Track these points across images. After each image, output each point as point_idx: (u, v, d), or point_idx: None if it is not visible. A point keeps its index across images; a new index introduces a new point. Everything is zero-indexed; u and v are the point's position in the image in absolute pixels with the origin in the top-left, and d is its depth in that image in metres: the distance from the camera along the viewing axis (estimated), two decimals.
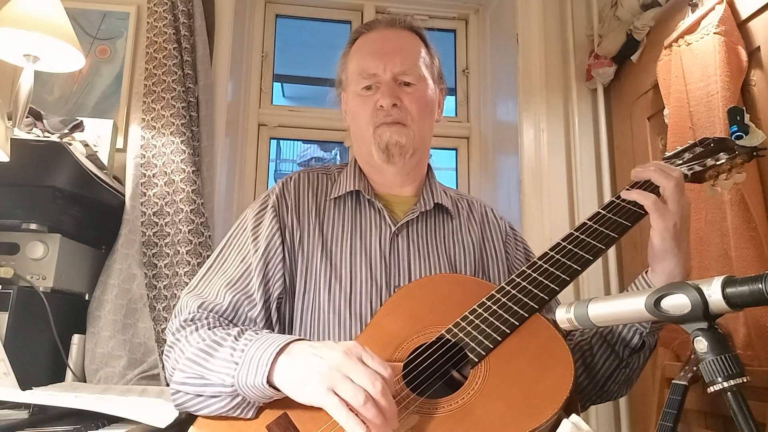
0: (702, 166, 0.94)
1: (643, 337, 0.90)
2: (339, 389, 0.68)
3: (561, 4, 2.17)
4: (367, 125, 1.03)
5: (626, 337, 0.90)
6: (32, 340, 1.31)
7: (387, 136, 1.01)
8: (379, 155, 1.02)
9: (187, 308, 0.90)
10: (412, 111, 1.02)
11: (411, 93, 1.03)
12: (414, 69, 1.03)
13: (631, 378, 0.96)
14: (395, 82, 1.02)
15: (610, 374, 0.94)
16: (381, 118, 1.01)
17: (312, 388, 0.70)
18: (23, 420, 0.99)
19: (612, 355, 0.92)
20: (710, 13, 1.44)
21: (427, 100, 1.05)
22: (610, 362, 0.93)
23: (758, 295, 0.57)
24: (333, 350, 0.72)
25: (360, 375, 0.69)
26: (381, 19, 1.10)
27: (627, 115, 1.93)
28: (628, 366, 0.93)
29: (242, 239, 0.99)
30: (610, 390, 0.96)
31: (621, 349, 0.92)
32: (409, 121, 1.02)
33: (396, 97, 1.01)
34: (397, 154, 1.01)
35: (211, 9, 2.00)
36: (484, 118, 2.54)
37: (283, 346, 0.76)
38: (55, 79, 1.88)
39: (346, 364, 0.70)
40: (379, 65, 1.02)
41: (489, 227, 1.11)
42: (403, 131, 1.01)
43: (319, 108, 2.54)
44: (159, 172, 1.72)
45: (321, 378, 0.70)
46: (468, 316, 0.83)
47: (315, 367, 0.71)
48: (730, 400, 0.59)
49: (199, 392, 0.81)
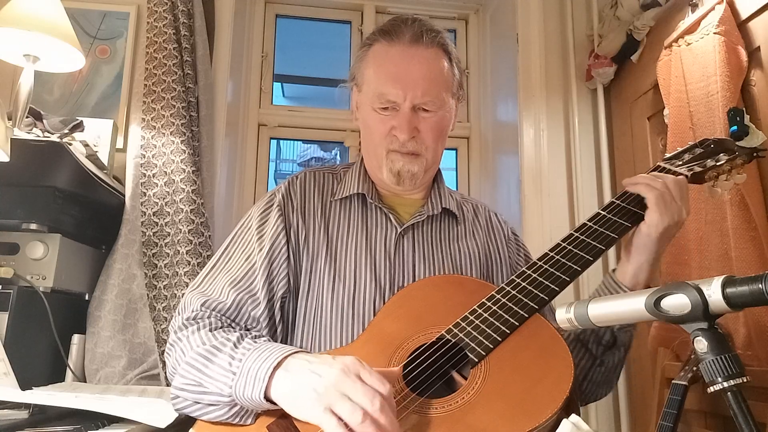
0: (702, 167, 0.94)
1: (614, 332, 0.91)
2: (336, 408, 0.67)
3: (561, 4, 2.17)
4: (380, 145, 1.01)
5: (597, 332, 0.92)
6: (32, 340, 1.31)
7: (400, 165, 0.99)
8: (389, 178, 1.01)
9: (190, 306, 0.90)
10: (428, 140, 1.00)
11: (429, 119, 0.99)
12: (436, 99, 0.98)
13: (609, 378, 0.96)
14: (414, 110, 0.98)
15: (586, 373, 0.94)
16: (396, 146, 0.99)
17: (309, 407, 0.69)
18: (23, 420, 0.99)
19: (586, 354, 0.93)
20: (710, 13, 1.44)
21: (444, 125, 1.02)
22: (585, 361, 0.94)
23: (758, 295, 0.57)
24: (331, 368, 0.71)
25: (358, 393, 0.67)
26: (404, 26, 1.01)
27: (627, 115, 1.93)
28: (603, 364, 0.94)
29: (247, 238, 0.99)
30: (588, 391, 0.96)
31: (594, 346, 0.92)
32: (424, 151, 1.00)
33: (413, 128, 0.98)
34: (408, 180, 1.01)
35: (211, 9, 2.00)
36: (484, 118, 2.54)
37: (280, 360, 0.75)
38: (55, 79, 1.88)
39: (343, 383, 0.69)
40: (399, 93, 0.97)
41: (494, 232, 1.11)
42: (417, 161, 1.00)
43: (319, 108, 2.55)
44: (159, 172, 1.72)
45: (318, 397, 0.68)
46: (468, 316, 0.83)
47: (312, 386, 0.70)
48: (730, 400, 0.59)
49: (198, 399, 0.80)
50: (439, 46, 1.01)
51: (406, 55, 0.99)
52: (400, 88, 0.97)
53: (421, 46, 0.99)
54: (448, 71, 1.02)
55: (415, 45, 0.99)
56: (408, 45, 0.99)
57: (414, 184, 1.03)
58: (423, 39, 0.99)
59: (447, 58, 1.02)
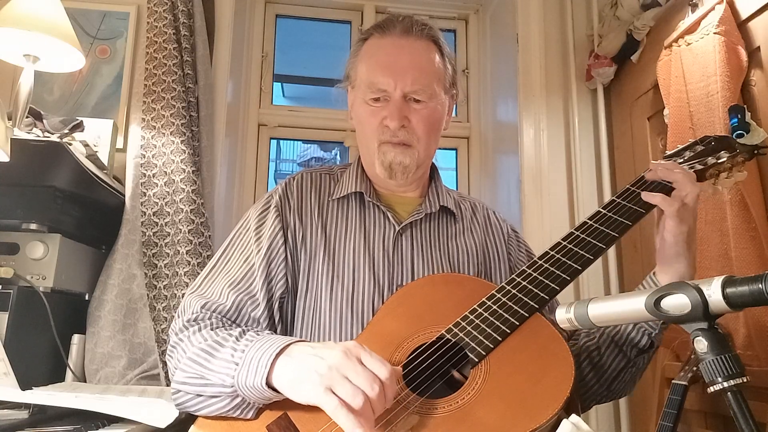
0: (703, 165, 0.94)
1: (651, 338, 0.90)
2: (337, 389, 0.68)
3: (561, 4, 2.17)
4: (372, 138, 1.02)
5: (635, 338, 0.91)
6: (32, 340, 1.31)
7: (391, 156, 1.00)
8: (382, 171, 1.02)
9: (190, 308, 0.90)
10: (419, 131, 1.00)
11: (420, 110, 1.00)
12: (426, 88, 0.99)
13: (635, 377, 0.97)
14: (405, 99, 0.99)
15: (618, 374, 0.94)
16: (387, 136, 1.00)
17: (310, 387, 0.70)
18: (23, 420, 0.99)
19: (620, 355, 0.93)
20: (710, 13, 1.44)
21: (435, 117, 1.03)
22: (618, 362, 0.93)
23: (758, 295, 0.57)
24: (332, 350, 0.72)
25: (358, 376, 0.69)
26: (397, 21, 1.03)
27: (627, 115, 1.93)
28: (635, 366, 0.94)
29: (245, 239, 0.99)
30: (617, 389, 0.96)
31: (629, 349, 0.92)
32: (415, 142, 1.00)
33: (404, 117, 0.98)
34: (400, 173, 1.01)
35: (211, 9, 2.00)
36: (484, 118, 2.54)
37: (282, 348, 0.76)
38: (55, 79, 1.88)
39: (344, 365, 0.70)
40: (390, 82, 0.98)
41: (492, 230, 1.11)
42: (408, 152, 1.00)
43: (319, 108, 2.54)
44: (159, 172, 1.72)
45: (319, 378, 0.69)
46: (468, 315, 0.83)
47: (314, 367, 0.71)
48: (730, 400, 0.59)
49: (200, 392, 0.81)
50: (429, 38, 1.03)
51: (397, 45, 1.01)
52: (390, 76, 0.98)
53: (411, 37, 1.02)
54: (439, 63, 1.03)
55: (406, 36, 1.02)
56: (398, 36, 1.02)
57: (407, 178, 1.03)
58: (413, 31, 1.02)
59: (438, 51, 1.04)
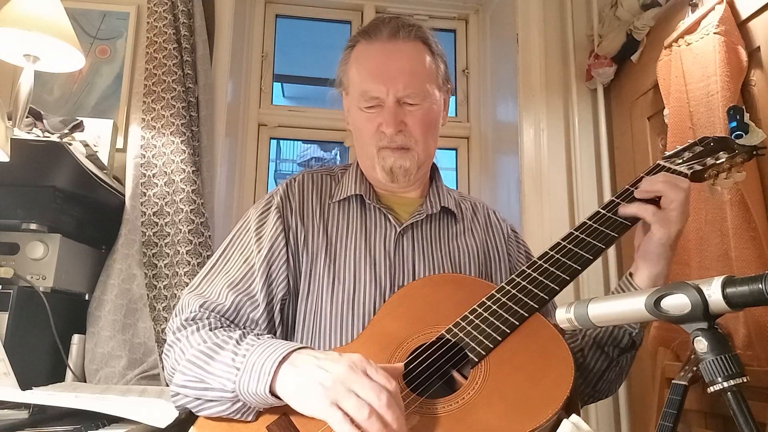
0: (702, 165, 0.94)
1: (632, 336, 0.91)
2: (343, 403, 0.67)
3: (561, 4, 2.17)
4: (371, 144, 1.01)
5: (616, 338, 0.92)
6: (32, 340, 1.31)
7: (391, 161, 1.00)
8: (383, 176, 1.01)
9: (188, 307, 0.89)
10: (416, 133, 1.00)
11: (415, 112, 0.99)
12: (419, 90, 0.99)
13: (621, 375, 0.97)
14: (398, 104, 0.98)
15: (602, 374, 0.95)
16: (385, 142, 1.00)
17: (315, 400, 0.69)
18: (23, 420, 0.99)
19: (603, 356, 0.94)
20: (710, 13, 1.44)
21: (431, 117, 1.02)
22: (601, 362, 0.94)
23: (758, 295, 0.56)
24: (337, 363, 0.71)
25: (364, 389, 0.68)
26: (383, 24, 1.02)
27: (627, 115, 1.93)
28: (618, 365, 0.95)
29: (245, 239, 0.99)
30: (602, 389, 0.97)
31: (611, 349, 0.93)
32: (413, 144, 1.00)
33: (400, 122, 0.98)
34: (401, 176, 1.01)
35: (211, 9, 2.00)
36: (484, 118, 2.54)
37: (286, 354, 0.75)
38: (55, 79, 1.88)
39: (350, 378, 0.69)
40: (382, 89, 0.98)
41: (492, 230, 1.11)
42: (407, 156, 1.00)
43: (319, 108, 2.54)
44: (159, 172, 1.72)
45: (325, 391, 0.69)
46: (468, 315, 0.83)
47: (319, 380, 0.70)
48: (730, 400, 0.59)
49: (199, 396, 0.80)
50: (417, 39, 1.02)
51: (385, 51, 1.01)
52: (382, 83, 0.98)
53: (399, 41, 1.01)
54: (430, 63, 1.02)
55: (393, 40, 1.01)
56: (386, 41, 1.01)
57: (408, 180, 1.03)
58: (400, 34, 1.01)
59: (428, 51, 1.03)
